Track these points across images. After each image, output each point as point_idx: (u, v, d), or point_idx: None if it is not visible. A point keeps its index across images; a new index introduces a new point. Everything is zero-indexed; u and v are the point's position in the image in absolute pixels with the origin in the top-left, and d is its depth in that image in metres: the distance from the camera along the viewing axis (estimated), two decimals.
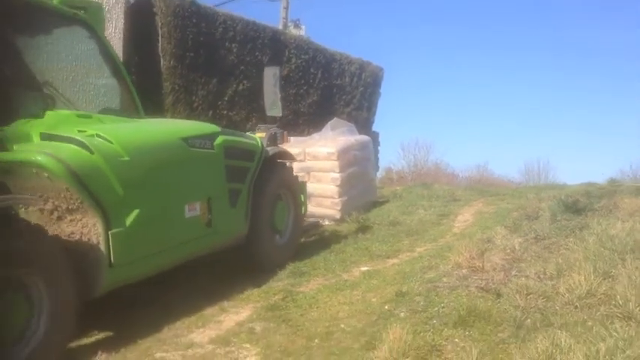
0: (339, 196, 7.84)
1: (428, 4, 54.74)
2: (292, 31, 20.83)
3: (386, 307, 4.36)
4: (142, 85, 6.89)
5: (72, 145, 3.87)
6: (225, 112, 9.79)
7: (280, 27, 19.85)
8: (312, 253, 6.07)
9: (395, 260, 5.85)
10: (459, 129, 40.23)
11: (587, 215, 6.59)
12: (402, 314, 4.17)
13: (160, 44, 8.74)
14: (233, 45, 9.92)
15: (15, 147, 3.82)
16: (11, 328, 3.35)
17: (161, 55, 8.78)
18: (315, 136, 8.50)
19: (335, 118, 8.99)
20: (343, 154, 8.00)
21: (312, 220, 7.60)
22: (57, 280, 3.57)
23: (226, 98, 9.83)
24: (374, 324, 4.07)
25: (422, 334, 3.76)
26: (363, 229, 7.20)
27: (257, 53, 10.45)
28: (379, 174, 17.41)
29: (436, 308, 4.16)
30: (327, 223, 7.77)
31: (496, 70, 49.82)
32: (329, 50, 12.60)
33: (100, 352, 3.68)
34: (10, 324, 3.33)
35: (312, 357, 3.67)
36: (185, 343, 3.91)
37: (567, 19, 50.87)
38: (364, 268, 5.54)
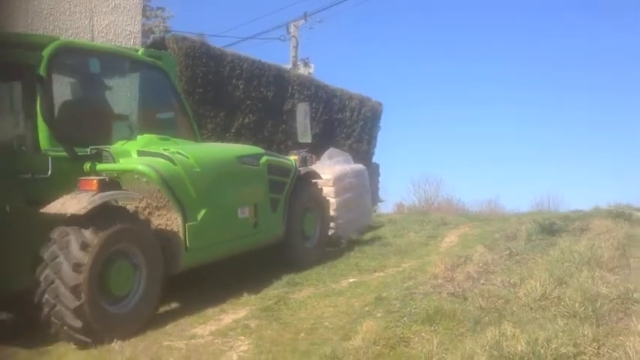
0: (335, 219, 8.45)
1: (435, 40, 55.89)
2: (302, 69, 21.76)
3: (366, 308, 4.95)
4: None
5: (161, 159, 5.24)
6: (232, 143, 10.50)
7: (290, 65, 20.79)
8: (307, 268, 6.68)
9: (381, 274, 6.45)
10: (470, 164, 40.78)
11: (561, 236, 7.16)
12: (378, 314, 4.76)
13: None
14: (240, 82, 10.74)
15: (121, 160, 5.16)
16: (125, 285, 4.74)
17: None
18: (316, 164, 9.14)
19: (331, 148, 9.63)
20: (339, 180, 8.65)
21: None
22: (151, 254, 4.92)
23: (233, 130, 10.58)
24: (354, 322, 4.65)
25: (393, 328, 4.35)
26: (356, 248, 7.81)
27: (262, 89, 11.25)
28: (390, 208, 18.01)
29: (408, 309, 4.74)
30: None
31: (504, 105, 50.49)
32: (330, 87, 13.41)
33: (115, 340, 4.31)
34: (124, 282, 4.73)
35: (297, 347, 4.26)
36: (188, 335, 4.54)
37: (561, 56, 51.75)
38: (352, 280, 6.15)
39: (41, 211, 4.47)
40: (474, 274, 5.66)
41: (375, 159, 15.47)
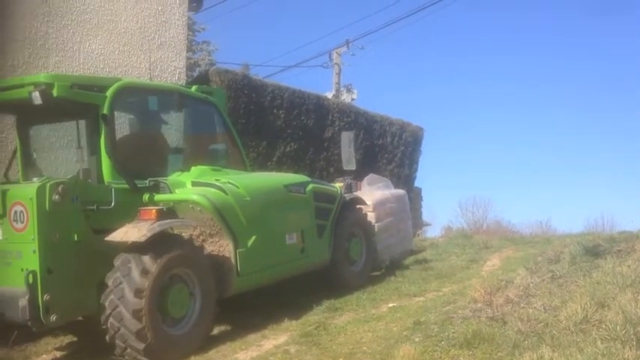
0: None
1: (487, 61, 55.44)
2: (345, 95, 22.02)
3: (404, 333, 5.00)
4: None
5: (214, 189, 5.59)
6: (274, 172, 10.74)
7: (333, 92, 21.06)
8: (347, 293, 6.78)
9: (421, 298, 6.48)
10: (521, 186, 40.22)
11: (605, 257, 7.01)
12: (416, 339, 4.80)
13: None
14: (280, 111, 11.00)
15: (176, 191, 5.54)
16: (183, 307, 5.08)
17: None
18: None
19: (371, 174, 9.69)
20: (379, 206, 8.72)
21: None
22: (205, 279, 5.26)
23: (275, 159, 10.81)
24: (391, 347, 4.69)
25: (430, 353, 4.39)
26: (397, 273, 7.85)
27: (302, 118, 11.49)
28: (438, 232, 17.84)
29: (447, 333, 4.77)
30: None
31: (558, 128, 49.66)
32: (370, 113, 13.56)
33: None
34: (182, 304, 5.08)
35: None
36: None
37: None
38: (391, 305, 6.21)
39: (105, 239, 4.90)
40: (514, 297, 5.63)
41: (417, 183, 15.52)
